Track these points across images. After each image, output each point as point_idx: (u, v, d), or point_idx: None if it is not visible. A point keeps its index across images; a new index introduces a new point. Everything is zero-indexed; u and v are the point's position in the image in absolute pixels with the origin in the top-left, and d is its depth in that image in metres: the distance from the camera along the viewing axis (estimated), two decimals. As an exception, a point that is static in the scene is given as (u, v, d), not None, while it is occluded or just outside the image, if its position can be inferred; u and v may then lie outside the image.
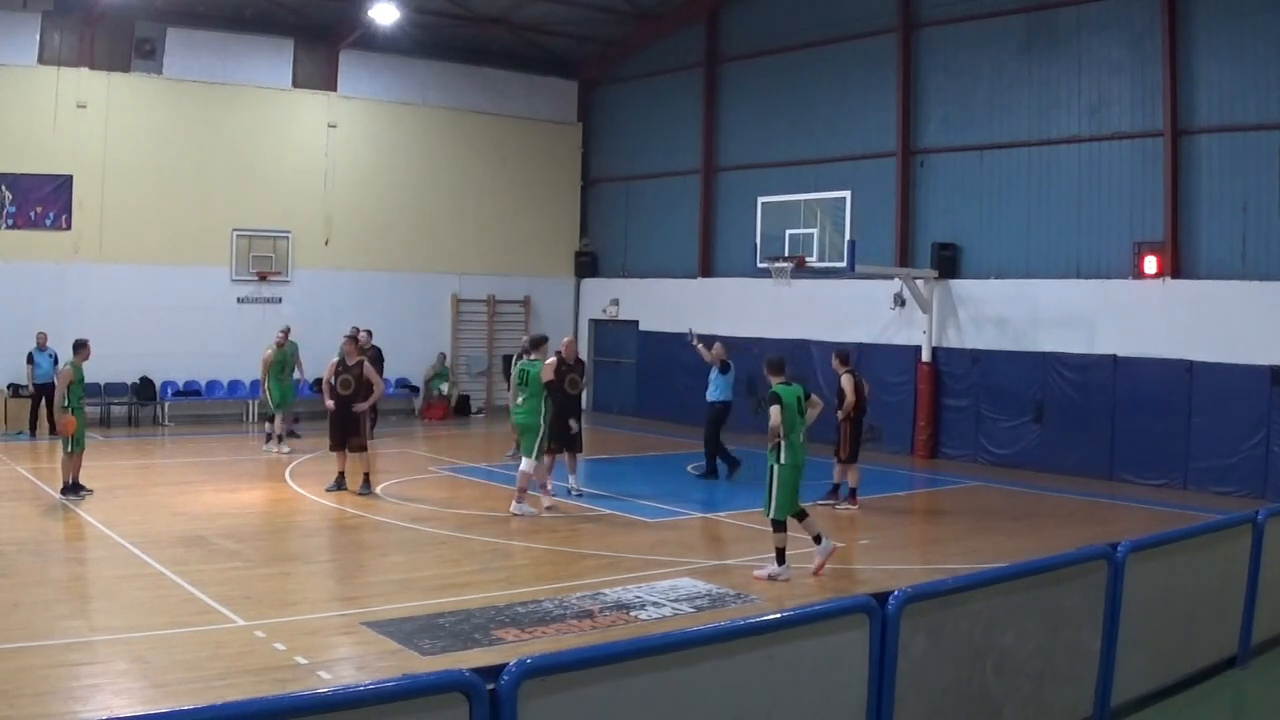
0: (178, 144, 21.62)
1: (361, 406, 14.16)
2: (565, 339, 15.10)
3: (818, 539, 10.38)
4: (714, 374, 16.51)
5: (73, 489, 13.28)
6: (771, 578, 10.09)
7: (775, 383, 10.36)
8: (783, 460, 10.12)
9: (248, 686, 6.90)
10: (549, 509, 13.26)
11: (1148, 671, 6.61)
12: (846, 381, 14.05)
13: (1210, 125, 16.46)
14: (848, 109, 21.35)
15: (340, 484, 14.17)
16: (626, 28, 25.03)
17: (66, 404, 13.19)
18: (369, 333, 18.90)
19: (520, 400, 13.48)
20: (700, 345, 17.17)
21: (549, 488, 13.60)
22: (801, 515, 10.42)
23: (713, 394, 16.44)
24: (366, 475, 14.08)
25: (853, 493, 14.10)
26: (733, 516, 13.36)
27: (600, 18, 24.17)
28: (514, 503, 13.04)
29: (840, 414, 13.90)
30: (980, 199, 19.30)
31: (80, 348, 13.76)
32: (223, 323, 20.77)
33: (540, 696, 3.71)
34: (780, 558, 10.18)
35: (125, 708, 6.54)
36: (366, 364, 14.38)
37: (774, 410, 10.03)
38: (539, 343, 13.91)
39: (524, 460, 13.18)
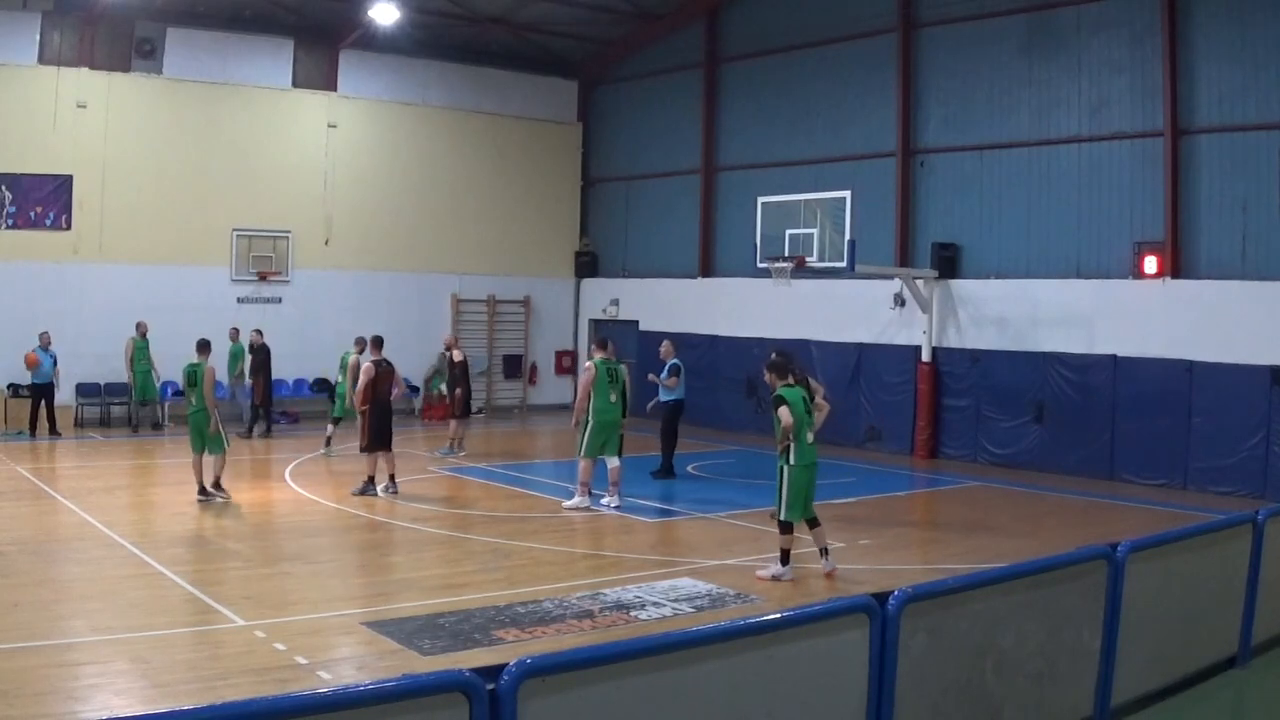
0: (178, 144, 21.62)
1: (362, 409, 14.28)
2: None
3: (823, 552, 10.35)
4: (665, 374, 16.30)
5: (217, 487, 13.30)
6: (775, 578, 10.09)
7: (780, 385, 10.34)
8: (792, 461, 10.10)
9: (248, 686, 6.90)
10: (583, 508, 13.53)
11: (1148, 671, 6.61)
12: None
13: (1210, 125, 16.45)
14: (848, 109, 21.35)
15: (385, 485, 14.24)
16: (626, 28, 25.03)
17: (195, 403, 13.28)
18: (258, 332, 20.27)
19: (613, 399, 13.58)
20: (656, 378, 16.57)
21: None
22: (814, 523, 10.39)
23: (665, 394, 16.33)
24: (370, 478, 14.18)
25: None
26: (733, 516, 13.35)
27: (600, 18, 24.17)
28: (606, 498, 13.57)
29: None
30: (980, 199, 19.29)
31: (205, 347, 13.86)
32: (223, 323, 20.73)
33: (540, 696, 3.71)
34: (785, 558, 10.17)
35: (125, 708, 6.54)
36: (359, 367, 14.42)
37: (783, 411, 10.02)
38: (604, 343, 14.27)
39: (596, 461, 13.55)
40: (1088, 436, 17.35)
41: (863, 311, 20.55)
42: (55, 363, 19.01)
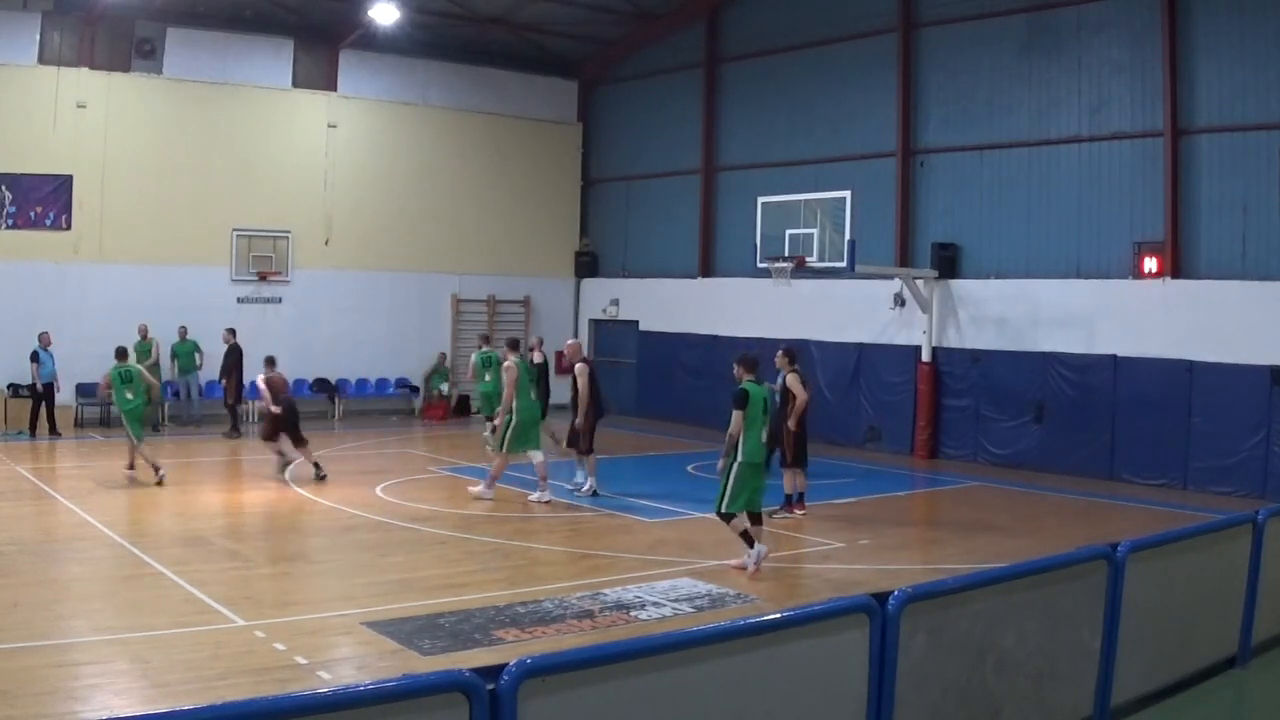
0: (178, 144, 21.62)
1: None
2: (569, 342, 15.90)
3: (750, 541, 10.41)
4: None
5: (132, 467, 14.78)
6: (757, 563, 10.15)
7: (745, 379, 10.34)
8: (740, 458, 10.15)
9: (248, 686, 6.90)
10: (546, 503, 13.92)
11: (1148, 671, 6.61)
12: (794, 380, 13.15)
13: (1210, 125, 16.45)
14: (848, 109, 21.35)
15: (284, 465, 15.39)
16: (626, 28, 25.02)
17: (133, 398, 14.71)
18: (231, 331, 20.44)
19: (533, 396, 14.30)
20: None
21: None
22: (757, 518, 10.46)
23: None
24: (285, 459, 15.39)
25: (800, 498, 13.42)
26: (733, 516, 13.32)
27: (600, 18, 24.16)
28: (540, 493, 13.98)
29: (792, 422, 13.02)
30: (980, 199, 19.29)
31: (124, 354, 15.65)
32: (223, 323, 20.73)
33: (540, 696, 3.71)
34: (748, 541, 10.23)
35: (125, 708, 6.54)
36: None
37: (736, 416, 10.10)
38: (516, 344, 14.91)
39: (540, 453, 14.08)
40: (1087, 436, 17.35)
41: (863, 311, 20.55)
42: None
